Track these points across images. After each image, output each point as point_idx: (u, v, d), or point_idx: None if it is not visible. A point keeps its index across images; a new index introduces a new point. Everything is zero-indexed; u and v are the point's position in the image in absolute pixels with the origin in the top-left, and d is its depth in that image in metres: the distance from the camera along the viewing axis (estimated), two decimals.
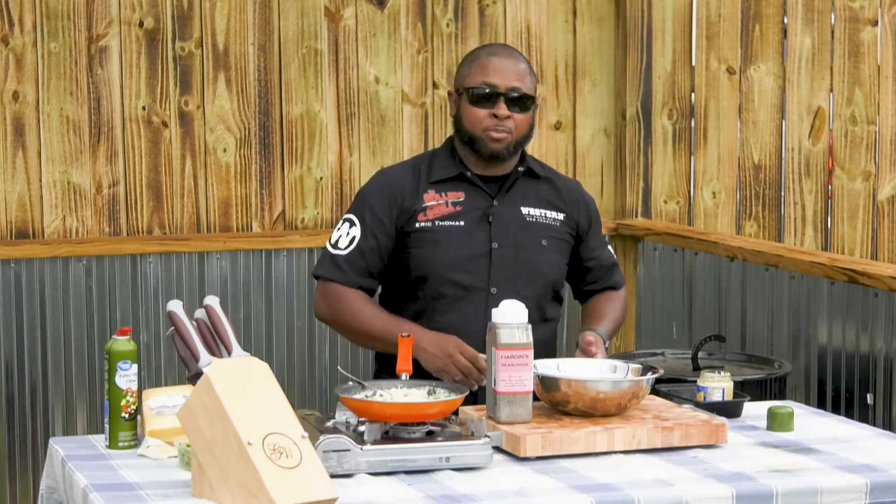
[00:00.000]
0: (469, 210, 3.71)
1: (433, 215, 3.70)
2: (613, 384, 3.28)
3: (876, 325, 4.53)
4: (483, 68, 3.68)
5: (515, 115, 3.66)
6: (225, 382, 2.82)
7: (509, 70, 3.67)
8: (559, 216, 3.79)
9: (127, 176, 5.15)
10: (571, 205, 3.83)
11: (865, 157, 5.24)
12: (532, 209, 3.76)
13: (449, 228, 3.69)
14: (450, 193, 3.72)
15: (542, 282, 3.74)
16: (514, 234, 3.72)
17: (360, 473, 2.98)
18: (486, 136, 3.67)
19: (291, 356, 5.27)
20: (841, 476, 3.03)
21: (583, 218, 3.84)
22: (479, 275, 3.68)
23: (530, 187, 3.78)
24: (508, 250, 3.71)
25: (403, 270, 3.73)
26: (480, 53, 3.74)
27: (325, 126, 5.34)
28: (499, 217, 3.71)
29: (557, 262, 3.78)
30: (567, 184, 3.88)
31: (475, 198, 3.72)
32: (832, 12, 5.31)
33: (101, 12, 5.09)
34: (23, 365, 5.03)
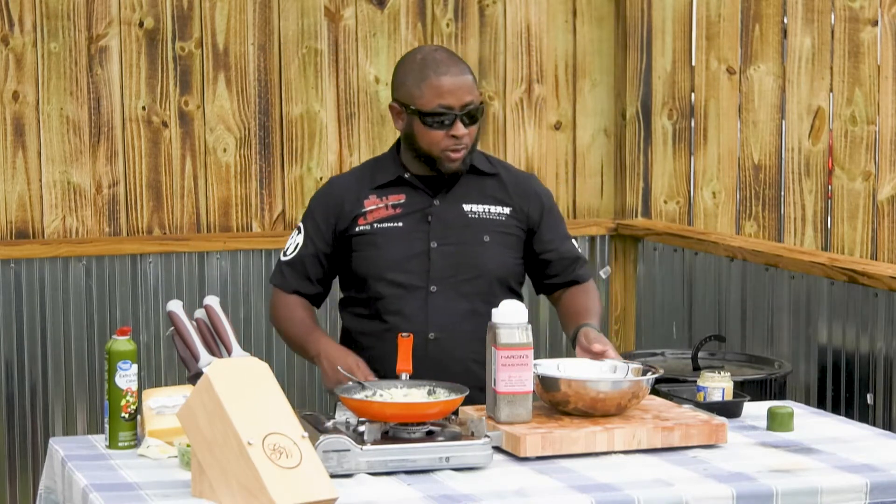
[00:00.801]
0: (409, 211, 3.73)
1: (372, 219, 3.72)
2: (613, 384, 3.28)
3: (876, 325, 4.53)
4: (436, 91, 3.62)
5: (471, 129, 3.66)
6: (225, 382, 2.82)
7: (462, 86, 3.63)
8: (504, 210, 3.78)
9: (127, 176, 5.15)
10: (520, 198, 3.80)
11: (865, 157, 5.24)
12: (475, 206, 3.76)
13: (388, 230, 3.71)
14: (391, 197, 3.74)
15: (486, 278, 3.72)
16: (456, 232, 3.72)
17: (360, 473, 2.98)
18: (444, 156, 3.66)
19: (291, 356, 5.26)
20: (841, 476, 3.03)
21: (533, 210, 3.81)
22: (417, 274, 3.69)
23: (474, 184, 3.77)
24: (449, 248, 3.71)
25: (350, 275, 3.78)
26: (429, 73, 3.64)
27: (325, 126, 5.34)
28: (438, 216, 3.72)
29: (502, 257, 3.76)
30: (517, 177, 3.85)
31: (416, 199, 3.73)
32: (832, 12, 5.31)
33: (101, 12, 5.09)
34: (23, 365, 5.03)
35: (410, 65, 3.70)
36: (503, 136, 5.55)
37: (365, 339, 3.73)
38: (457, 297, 3.67)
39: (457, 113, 3.62)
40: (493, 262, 3.74)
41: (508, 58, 5.54)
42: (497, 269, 3.75)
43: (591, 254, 5.64)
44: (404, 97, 3.68)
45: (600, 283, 5.64)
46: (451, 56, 3.71)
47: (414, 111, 3.65)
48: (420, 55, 3.71)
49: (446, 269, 3.69)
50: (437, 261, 3.69)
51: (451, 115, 3.62)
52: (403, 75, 3.70)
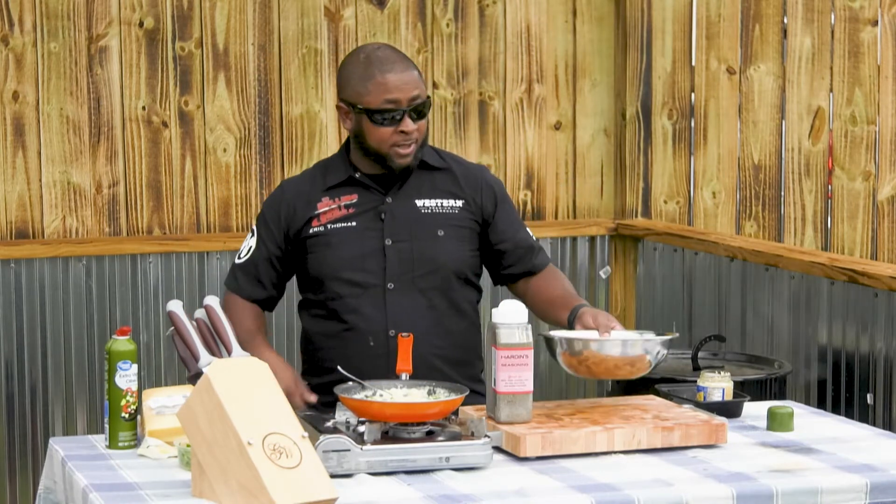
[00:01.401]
0: (362, 211, 3.73)
1: (326, 220, 3.72)
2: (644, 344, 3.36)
3: (876, 325, 4.53)
4: (382, 87, 3.62)
5: (420, 123, 3.66)
6: (225, 382, 2.82)
7: (408, 82, 3.63)
8: (457, 203, 3.78)
9: (127, 176, 5.15)
10: (472, 190, 3.80)
11: (865, 157, 5.24)
12: (427, 200, 3.76)
13: (341, 230, 3.71)
14: (343, 197, 3.74)
15: (442, 272, 3.73)
16: (409, 228, 3.72)
17: (360, 473, 2.98)
18: (393, 152, 3.66)
19: (291, 356, 5.26)
20: (841, 476, 3.03)
21: (486, 201, 3.81)
22: (373, 272, 3.69)
23: (425, 179, 3.77)
24: (403, 245, 3.71)
25: (307, 277, 3.77)
26: (374, 71, 3.64)
27: (325, 126, 5.34)
28: (391, 213, 3.72)
29: (457, 250, 3.76)
30: (468, 170, 3.85)
31: (368, 198, 3.73)
32: (832, 12, 5.31)
33: (101, 12, 5.09)
34: (23, 365, 5.03)
35: (354, 64, 3.70)
36: (503, 136, 5.55)
37: (324, 339, 3.72)
38: (414, 292, 3.67)
39: (404, 109, 3.63)
40: (449, 256, 3.74)
41: (508, 58, 5.54)
42: (452, 262, 3.75)
43: (591, 254, 5.64)
44: (350, 96, 3.68)
45: (600, 283, 5.65)
46: (395, 52, 3.71)
47: (361, 110, 3.65)
48: (363, 54, 3.72)
49: (402, 266, 3.69)
50: (392, 258, 3.69)
51: (399, 111, 3.62)
52: (348, 75, 3.70)
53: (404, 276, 3.70)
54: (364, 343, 3.65)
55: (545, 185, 5.61)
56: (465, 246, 3.77)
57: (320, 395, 3.62)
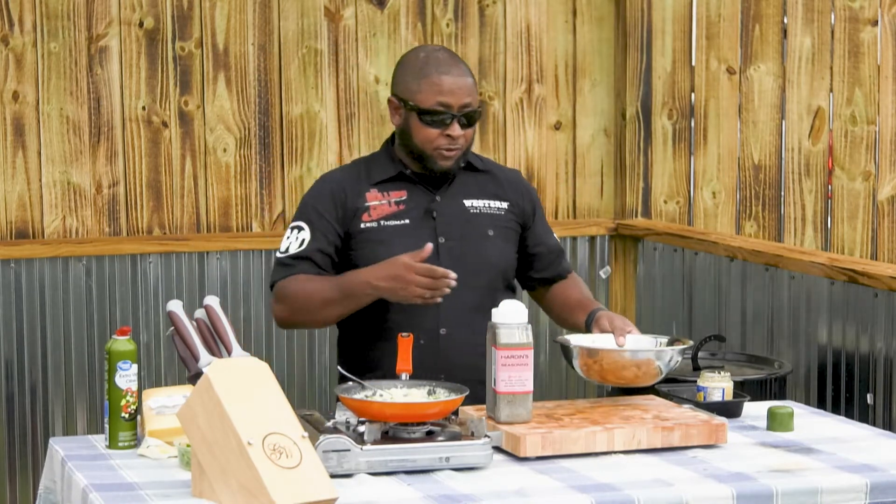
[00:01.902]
0: (412, 208, 3.72)
1: (377, 215, 3.70)
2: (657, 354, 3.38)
3: (876, 325, 4.53)
4: (436, 88, 3.63)
5: (467, 131, 3.67)
6: (225, 382, 2.82)
7: (462, 87, 3.63)
8: (503, 205, 3.80)
9: (127, 176, 5.15)
10: (514, 193, 3.83)
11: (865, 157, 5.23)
12: (475, 201, 3.77)
13: (394, 227, 3.70)
14: (392, 193, 3.73)
15: (492, 272, 3.74)
16: (460, 228, 3.72)
17: (360, 473, 2.98)
18: (437, 153, 3.66)
19: (291, 356, 5.27)
20: (841, 476, 3.03)
21: (527, 205, 3.84)
22: None
23: (471, 180, 3.79)
24: (455, 244, 3.71)
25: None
26: (430, 70, 3.65)
27: (325, 126, 5.34)
28: (442, 212, 3.72)
29: (505, 251, 3.78)
30: (507, 174, 3.88)
31: (417, 195, 3.73)
32: (832, 12, 5.31)
33: (101, 12, 5.09)
34: (23, 365, 5.03)
35: (413, 61, 3.71)
36: (503, 136, 5.55)
37: (370, 338, 3.70)
38: (465, 291, 3.65)
39: (454, 114, 3.63)
40: (497, 256, 3.76)
41: (508, 58, 5.54)
42: (501, 262, 3.77)
43: (591, 254, 5.64)
44: (403, 92, 3.68)
45: (600, 283, 5.64)
46: (454, 57, 3.71)
47: (412, 107, 3.65)
48: (423, 53, 3.72)
49: (454, 265, 3.68)
50: (445, 256, 3.69)
51: (449, 114, 3.63)
52: (404, 71, 3.71)
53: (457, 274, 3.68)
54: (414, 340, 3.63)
55: (545, 185, 5.61)
56: (510, 247, 3.79)
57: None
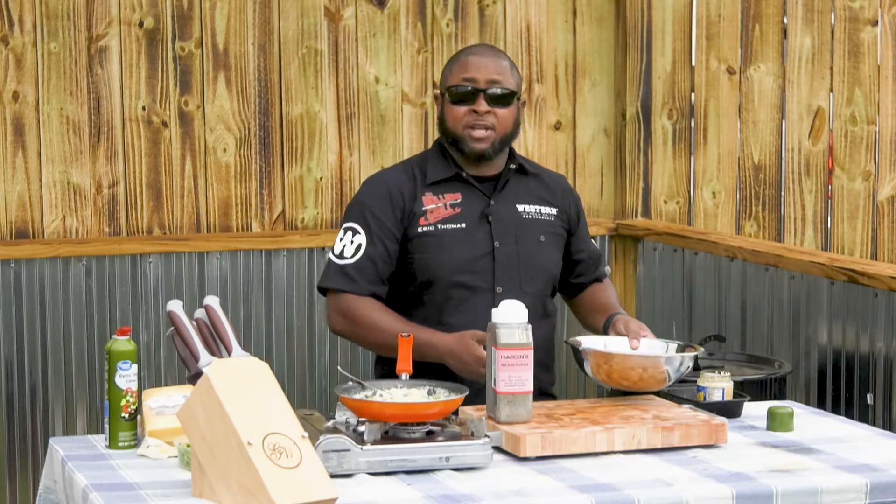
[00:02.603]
0: (468, 211, 3.71)
1: (434, 218, 3.69)
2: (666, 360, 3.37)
3: (876, 325, 4.53)
4: (463, 66, 3.69)
5: (497, 111, 3.66)
6: (225, 382, 2.82)
7: (489, 66, 3.67)
8: (553, 211, 3.81)
9: (127, 176, 5.15)
10: (562, 198, 3.85)
11: (865, 157, 5.24)
12: (527, 206, 3.77)
13: (451, 231, 3.69)
14: (447, 195, 3.72)
15: (544, 277, 3.75)
16: (514, 232, 3.72)
17: (360, 473, 2.98)
18: (467, 134, 3.66)
19: (291, 356, 5.27)
20: (841, 476, 3.03)
21: (573, 211, 3.87)
22: (483, 275, 3.68)
23: (522, 184, 3.79)
24: (510, 248, 3.71)
25: (408, 276, 3.71)
26: (461, 54, 3.76)
27: (325, 126, 5.34)
28: (497, 216, 3.72)
29: (555, 257, 3.80)
30: (554, 178, 3.90)
31: (472, 198, 3.72)
32: (832, 12, 5.31)
33: (101, 12, 5.09)
34: (23, 365, 5.03)
35: (454, 55, 3.80)
36: None
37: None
38: (521, 297, 3.60)
39: (480, 88, 3.65)
40: (550, 262, 3.77)
41: None
42: (552, 268, 3.78)
43: None
44: (441, 83, 3.76)
45: None
46: (494, 48, 3.82)
47: (444, 91, 3.71)
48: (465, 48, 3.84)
49: (510, 270, 3.68)
50: (501, 261, 3.68)
51: (475, 89, 3.64)
52: (445, 66, 3.79)
53: (512, 280, 3.68)
54: None
55: None
56: (559, 253, 3.81)
57: None
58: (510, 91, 3.68)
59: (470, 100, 3.65)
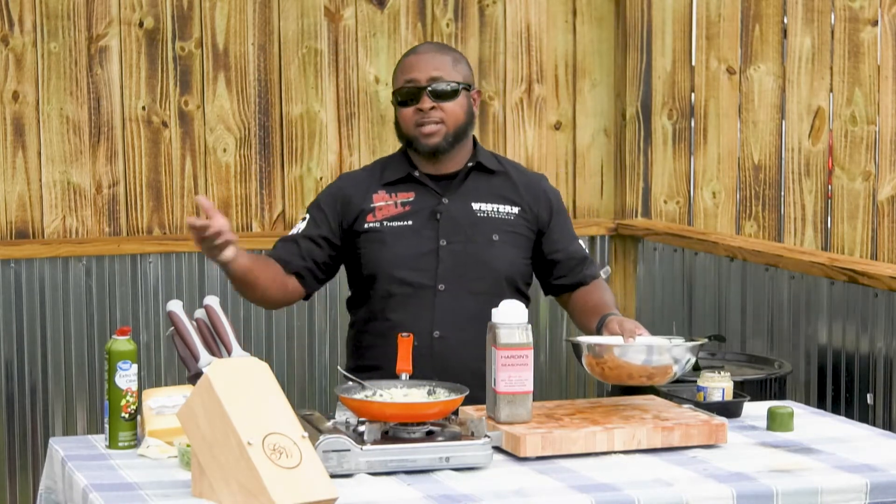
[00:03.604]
0: (418, 209, 3.74)
1: (382, 216, 3.73)
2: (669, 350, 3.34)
3: (876, 325, 4.53)
4: (403, 68, 3.74)
5: (443, 105, 3.69)
6: (225, 382, 2.82)
7: (428, 63, 3.70)
8: (513, 210, 3.79)
9: (127, 176, 5.15)
10: (530, 198, 3.82)
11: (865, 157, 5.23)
12: (483, 204, 3.77)
13: (397, 228, 3.72)
14: (400, 194, 3.76)
15: (494, 277, 3.73)
16: (465, 231, 3.73)
17: (360, 473, 2.98)
18: (418, 133, 3.70)
19: (291, 356, 5.27)
20: (841, 476, 3.03)
21: (543, 211, 3.82)
22: (426, 272, 3.70)
23: (483, 182, 3.79)
24: (457, 247, 3.71)
25: (357, 271, 3.78)
26: (403, 57, 3.80)
27: (325, 126, 5.34)
28: (448, 214, 3.73)
29: (511, 256, 3.77)
30: (527, 177, 3.87)
31: (425, 197, 3.75)
32: (832, 12, 5.31)
33: (101, 12, 5.09)
34: (23, 365, 5.03)
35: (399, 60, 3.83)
36: (503, 136, 5.55)
37: (370, 337, 3.73)
38: (465, 296, 3.67)
39: (422, 86, 3.67)
40: (502, 262, 3.75)
41: (508, 58, 5.54)
42: (505, 268, 3.75)
43: (591, 254, 5.64)
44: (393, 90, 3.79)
45: None
46: (436, 44, 3.87)
47: (393, 96, 3.75)
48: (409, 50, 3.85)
49: (455, 268, 3.69)
50: (446, 259, 3.69)
51: (415, 87, 3.68)
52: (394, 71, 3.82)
53: (456, 278, 3.69)
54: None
55: None
56: (519, 253, 3.78)
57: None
58: (453, 84, 3.70)
59: (414, 99, 3.69)
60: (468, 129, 3.75)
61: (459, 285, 3.69)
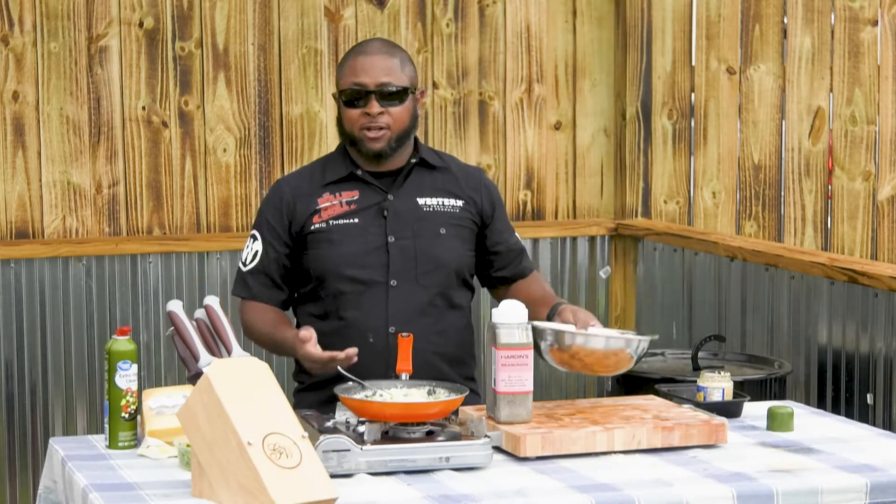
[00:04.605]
0: (364, 207, 3.73)
1: (327, 216, 3.73)
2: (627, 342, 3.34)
3: (876, 325, 4.53)
4: (352, 69, 3.69)
5: (391, 110, 3.67)
6: (225, 382, 2.82)
7: (377, 66, 3.67)
8: (458, 203, 3.79)
9: (127, 176, 5.15)
10: (472, 191, 3.82)
11: (865, 157, 5.23)
12: (428, 199, 3.77)
13: (344, 226, 3.71)
14: (344, 193, 3.75)
15: (444, 270, 3.74)
16: (412, 226, 3.73)
17: (360, 473, 2.98)
18: (363, 135, 3.69)
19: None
20: (841, 476, 3.03)
21: (486, 203, 3.83)
22: (376, 269, 3.69)
23: (426, 178, 3.79)
24: (406, 242, 3.72)
25: (304, 273, 3.76)
26: (351, 54, 3.75)
27: (325, 126, 5.34)
28: (394, 210, 3.73)
29: (458, 249, 3.77)
30: (466, 171, 3.88)
31: (369, 194, 3.74)
32: (832, 12, 5.31)
33: (101, 12, 5.09)
34: (23, 365, 5.03)
35: (345, 55, 3.79)
36: (503, 136, 5.55)
37: (321, 337, 3.64)
38: (417, 290, 3.68)
39: (371, 90, 3.65)
40: (450, 255, 3.75)
41: (508, 58, 5.54)
42: (454, 260, 3.76)
43: (591, 254, 5.64)
44: (336, 82, 3.76)
45: (600, 283, 5.64)
46: (380, 42, 3.79)
47: (338, 93, 3.72)
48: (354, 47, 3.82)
49: (405, 263, 3.70)
50: (395, 255, 3.70)
51: (364, 91, 3.66)
52: (338, 65, 3.79)
53: (407, 273, 3.70)
54: (363, 340, 3.64)
55: (545, 185, 5.61)
56: (465, 245, 3.79)
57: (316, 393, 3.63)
58: (401, 89, 3.69)
59: (362, 102, 3.67)
60: (412, 131, 3.75)
61: (411, 280, 3.69)
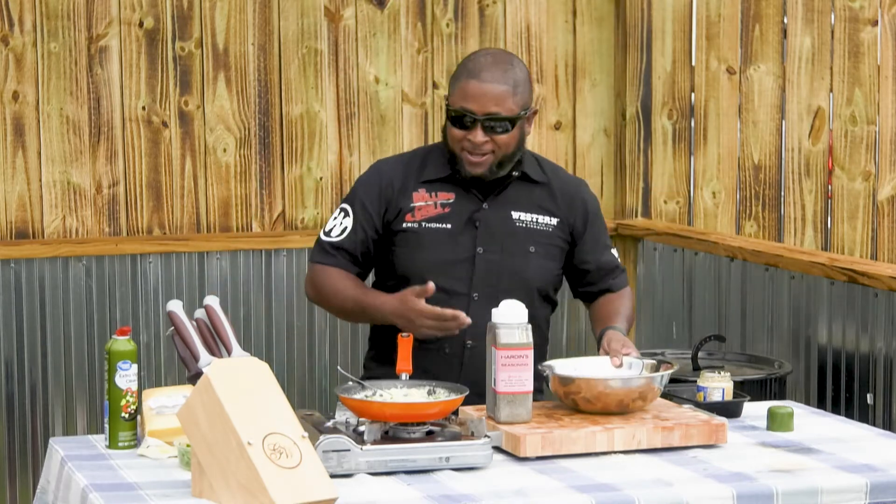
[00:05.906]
0: (457, 212, 3.69)
1: (421, 216, 3.68)
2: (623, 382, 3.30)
3: (876, 325, 4.53)
4: (463, 92, 3.61)
5: (496, 138, 3.61)
6: (225, 382, 2.82)
7: (487, 95, 3.59)
8: (552, 221, 3.75)
9: (127, 176, 5.15)
10: (567, 208, 3.77)
11: (865, 157, 5.23)
12: (523, 214, 3.73)
13: (435, 231, 3.67)
14: (440, 194, 3.70)
15: (526, 288, 3.69)
16: (501, 240, 3.69)
17: (360, 473, 2.98)
18: (464, 157, 3.64)
19: (291, 356, 5.27)
20: (841, 476, 3.03)
21: (578, 221, 3.78)
22: (461, 280, 3.66)
23: (524, 191, 3.74)
24: (494, 256, 3.68)
25: (389, 269, 3.73)
26: (463, 73, 3.65)
27: (325, 126, 5.34)
28: (486, 221, 3.69)
29: (545, 268, 3.74)
30: (566, 185, 3.82)
31: (465, 200, 3.70)
32: (832, 12, 5.31)
33: (101, 12, 5.09)
34: (23, 365, 5.03)
35: (461, 65, 3.71)
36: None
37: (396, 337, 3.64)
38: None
39: (477, 118, 3.60)
40: (536, 274, 3.72)
41: None
42: (538, 280, 3.72)
43: None
44: (448, 91, 3.69)
45: None
46: (496, 63, 3.65)
47: (447, 108, 3.66)
48: (472, 55, 3.73)
49: (489, 277, 3.66)
50: (481, 267, 3.66)
51: (470, 118, 3.60)
52: (455, 71, 3.72)
53: (490, 287, 3.65)
54: (439, 349, 3.62)
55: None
56: (553, 265, 3.75)
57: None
58: (509, 118, 3.62)
59: (468, 127, 3.61)
60: (517, 154, 3.68)
61: (492, 294, 3.61)
